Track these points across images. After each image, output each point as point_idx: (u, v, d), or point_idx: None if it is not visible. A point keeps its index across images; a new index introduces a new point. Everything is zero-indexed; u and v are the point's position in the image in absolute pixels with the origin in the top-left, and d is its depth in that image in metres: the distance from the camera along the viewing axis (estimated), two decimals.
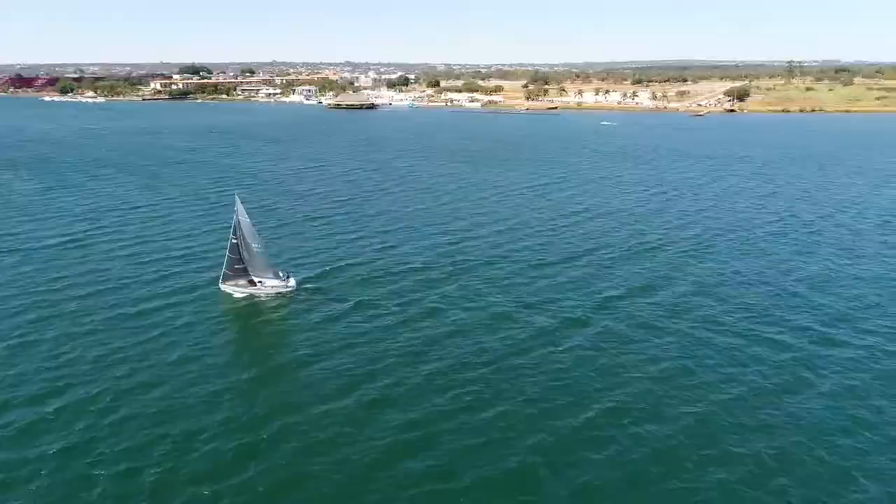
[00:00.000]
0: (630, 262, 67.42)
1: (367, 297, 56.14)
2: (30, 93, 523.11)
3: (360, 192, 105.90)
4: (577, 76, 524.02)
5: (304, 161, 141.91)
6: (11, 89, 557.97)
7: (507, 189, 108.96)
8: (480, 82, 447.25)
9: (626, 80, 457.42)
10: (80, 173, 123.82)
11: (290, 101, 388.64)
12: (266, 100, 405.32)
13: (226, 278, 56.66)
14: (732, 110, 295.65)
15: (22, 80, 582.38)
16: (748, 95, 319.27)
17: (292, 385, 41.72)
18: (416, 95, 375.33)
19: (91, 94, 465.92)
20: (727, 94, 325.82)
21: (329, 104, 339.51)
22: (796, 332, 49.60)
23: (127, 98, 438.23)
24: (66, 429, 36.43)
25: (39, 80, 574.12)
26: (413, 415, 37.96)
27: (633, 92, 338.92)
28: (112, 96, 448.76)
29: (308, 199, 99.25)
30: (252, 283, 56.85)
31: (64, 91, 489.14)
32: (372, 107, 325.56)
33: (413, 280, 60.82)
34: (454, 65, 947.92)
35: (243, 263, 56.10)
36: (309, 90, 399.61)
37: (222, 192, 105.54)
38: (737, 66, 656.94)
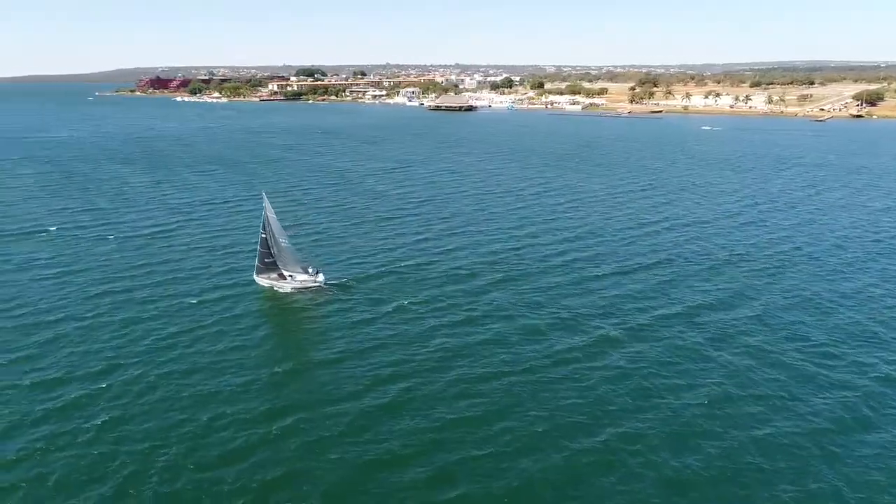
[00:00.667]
0: (696, 278, 63.11)
1: (407, 299, 56.27)
2: (165, 93, 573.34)
3: (437, 193, 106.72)
4: (691, 78, 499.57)
5: (391, 161, 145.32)
6: (151, 90, 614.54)
7: (586, 195, 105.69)
8: (586, 84, 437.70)
9: (743, 82, 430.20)
10: (188, 169, 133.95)
11: (393, 103, 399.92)
12: (371, 101, 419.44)
13: (259, 271, 59.32)
14: (859, 115, 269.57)
15: (160, 82, 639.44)
16: (881, 99, 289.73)
17: (311, 380, 42.39)
18: (517, 98, 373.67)
19: (216, 94, 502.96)
20: (856, 97, 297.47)
21: (429, 105, 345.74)
22: (859, 371, 44.02)
23: (246, 99, 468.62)
24: (108, 405, 39.31)
25: (174, 82, 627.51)
26: (423, 422, 37.47)
27: (747, 96, 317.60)
28: (233, 97, 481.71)
29: (383, 200, 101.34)
30: (282, 276, 59.07)
31: (193, 92, 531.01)
32: (471, 108, 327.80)
33: (461, 285, 60.22)
34: (564, 66, 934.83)
35: (272, 257, 58.57)
36: (412, 92, 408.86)
37: (307, 189, 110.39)
38: (877, 67, 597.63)
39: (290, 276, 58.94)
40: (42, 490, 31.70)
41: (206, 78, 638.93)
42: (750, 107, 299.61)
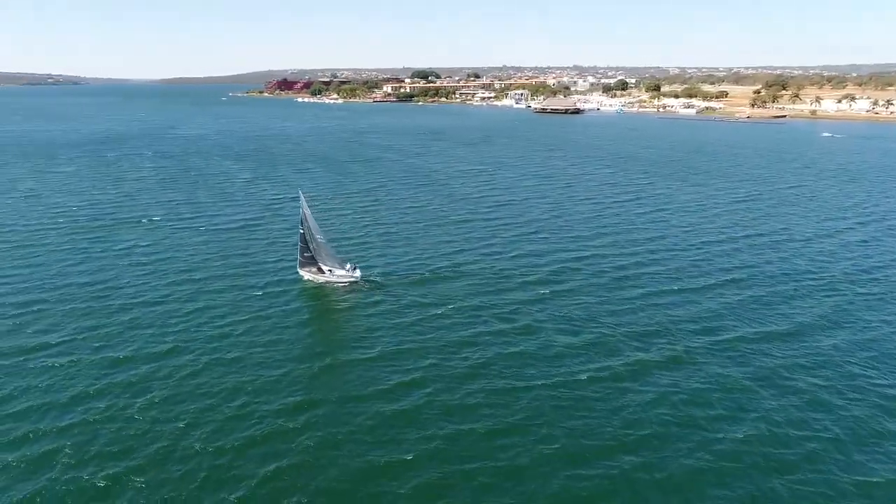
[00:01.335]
0: (775, 302, 57.83)
1: (452, 304, 55.94)
2: (289, 94, 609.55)
3: (517, 198, 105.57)
4: (828, 81, 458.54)
5: (481, 164, 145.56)
6: (277, 91, 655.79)
7: (676, 205, 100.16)
8: (705, 87, 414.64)
9: (891, 85, 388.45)
10: (290, 166, 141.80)
11: (501, 105, 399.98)
12: (480, 103, 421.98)
13: (301, 264, 62.69)
14: None
15: (286, 84, 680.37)
16: None
17: (338, 378, 43.33)
18: (627, 101, 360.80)
19: (335, 96, 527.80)
20: None
21: (535, 108, 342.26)
22: None
23: (361, 100, 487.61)
24: (158, 385, 42.57)
25: (298, 84, 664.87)
26: (438, 430, 37.22)
27: (889, 100, 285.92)
28: (350, 98, 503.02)
29: (461, 202, 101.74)
30: (321, 270, 61.77)
31: (314, 93, 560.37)
32: (577, 111, 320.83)
33: (511, 294, 59.01)
34: (689, 68, 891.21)
35: (311, 252, 61.51)
36: (520, 94, 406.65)
37: (391, 189, 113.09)
38: None
39: (330, 270, 61.62)
40: (83, 456, 34.90)
41: (328, 80, 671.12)
42: (892, 112, 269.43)
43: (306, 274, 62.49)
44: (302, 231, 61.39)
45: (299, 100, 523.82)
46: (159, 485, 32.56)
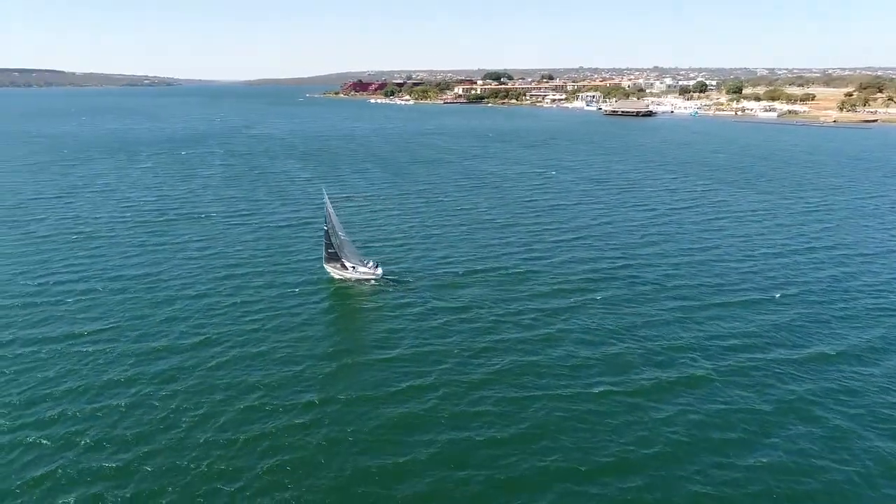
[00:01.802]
0: (826, 318, 54.09)
1: (479, 309, 55.45)
2: (364, 95, 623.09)
3: (568, 202, 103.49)
4: None
5: (538, 166, 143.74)
6: (352, 92, 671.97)
7: (735, 213, 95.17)
8: (790, 89, 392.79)
9: None
10: (349, 167, 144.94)
11: (572, 107, 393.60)
12: (550, 105, 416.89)
13: (325, 260, 64.67)
14: None
15: (361, 85, 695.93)
16: None
17: (352, 377, 43.82)
18: (704, 103, 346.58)
19: (407, 97, 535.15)
20: None
21: (606, 110, 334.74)
22: None
23: (432, 101, 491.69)
24: (185, 376, 44.38)
25: (373, 86, 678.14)
26: (444, 436, 37.01)
27: None
28: (421, 99, 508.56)
29: (510, 205, 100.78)
30: (344, 266, 63.37)
31: (387, 94, 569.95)
32: (649, 114, 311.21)
33: (543, 301, 57.85)
34: (779, 69, 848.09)
35: (334, 249, 63.20)
36: (591, 96, 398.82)
37: (443, 190, 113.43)
38: None
39: (353, 267, 63.22)
40: (103, 440, 36.95)
41: (401, 81, 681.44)
42: None
43: (331, 269, 64.37)
44: (326, 228, 63.28)
45: (372, 101, 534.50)
46: (166, 471, 34.00)
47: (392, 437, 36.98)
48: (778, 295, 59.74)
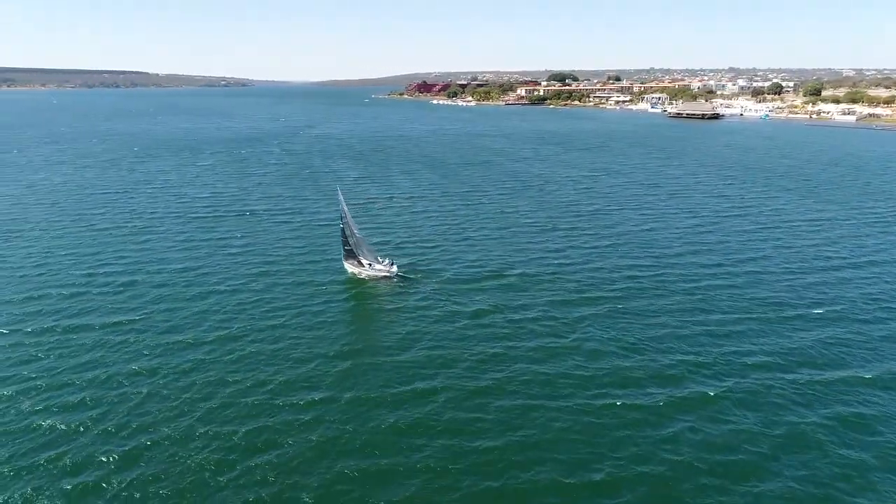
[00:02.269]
0: (877, 338, 50.62)
1: (499, 315, 54.74)
2: (427, 96, 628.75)
3: (612, 207, 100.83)
4: None
5: (588, 170, 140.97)
6: (417, 93, 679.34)
7: (792, 224, 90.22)
8: (881, 91, 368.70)
9: None
10: (398, 167, 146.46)
11: (636, 109, 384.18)
12: (613, 107, 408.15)
13: (344, 257, 65.87)
14: None
15: (425, 86, 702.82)
16: None
17: (356, 377, 44.13)
18: (777, 106, 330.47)
19: (469, 98, 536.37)
20: None
21: (670, 112, 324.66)
22: None
23: (493, 103, 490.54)
24: (198, 372, 46.05)
25: (436, 87, 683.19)
26: (443, 442, 36.85)
27: None
28: (483, 100, 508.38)
29: (550, 209, 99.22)
30: (360, 263, 64.44)
31: (450, 96, 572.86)
32: (716, 117, 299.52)
33: (567, 310, 56.44)
34: (868, 70, 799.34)
35: (350, 246, 64.35)
36: (657, 98, 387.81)
37: (486, 192, 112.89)
38: None
39: (369, 264, 64.33)
40: (115, 428, 38.76)
41: (465, 83, 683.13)
42: None
43: (349, 266, 65.77)
44: (342, 225, 64.64)
45: (434, 102, 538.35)
46: (165, 460, 35.32)
47: (386, 439, 37.07)
48: (820, 311, 56.27)
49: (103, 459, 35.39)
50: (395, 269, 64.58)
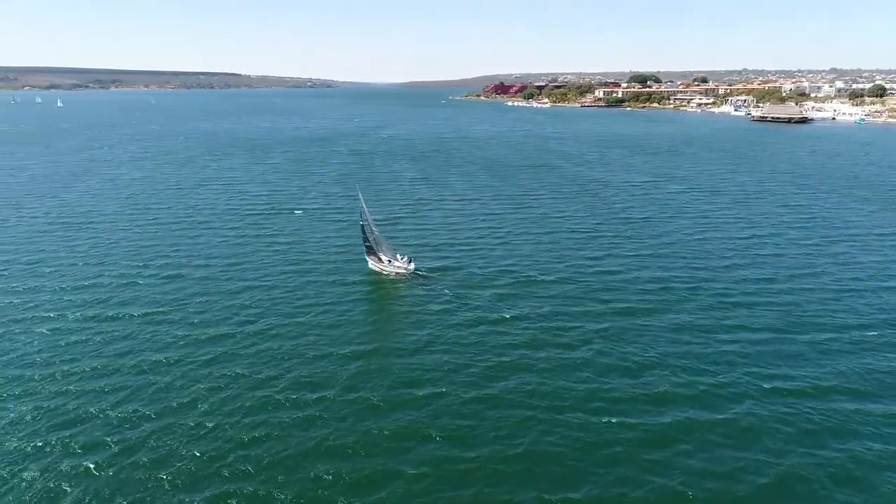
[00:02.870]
0: None
1: (521, 323, 53.63)
2: (503, 98, 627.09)
3: (664, 213, 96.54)
4: None
5: (650, 175, 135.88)
6: (493, 95, 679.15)
7: (864, 237, 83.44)
8: None
9: None
10: (455, 168, 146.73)
11: (718, 112, 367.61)
12: (694, 109, 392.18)
13: (365, 253, 67.98)
14: None
15: (502, 88, 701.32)
16: None
17: (363, 377, 44.38)
18: (875, 109, 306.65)
19: (545, 100, 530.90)
20: None
21: (754, 116, 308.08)
22: None
23: (569, 105, 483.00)
24: (217, 364, 47.81)
25: (513, 88, 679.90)
26: (420, 449, 36.68)
27: None
28: (558, 102, 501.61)
29: (602, 214, 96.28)
30: (380, 260, 66.48)
31: (527, 97, 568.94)
32: (804, 120, 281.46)
33: (590, 320, 54.52)
34: None
35: (370, 243, 66.66)
36: (742, 100, 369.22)
37: (538, 196, 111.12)
38: None
39: (388, 260, 65.97)
40: (131, 412, 40.95)
41: (542, 84, 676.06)
42: None
43: (371, 262, 67.70)
44: (363, 223, 66.40)
45: (509, 103, 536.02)
46: (165, 449, 36.93)
47: (375, 442, 37.07)
48: (874, 334, 51.75)
49: (108, 441, 37.40)
50: (412, 266, 65.77)
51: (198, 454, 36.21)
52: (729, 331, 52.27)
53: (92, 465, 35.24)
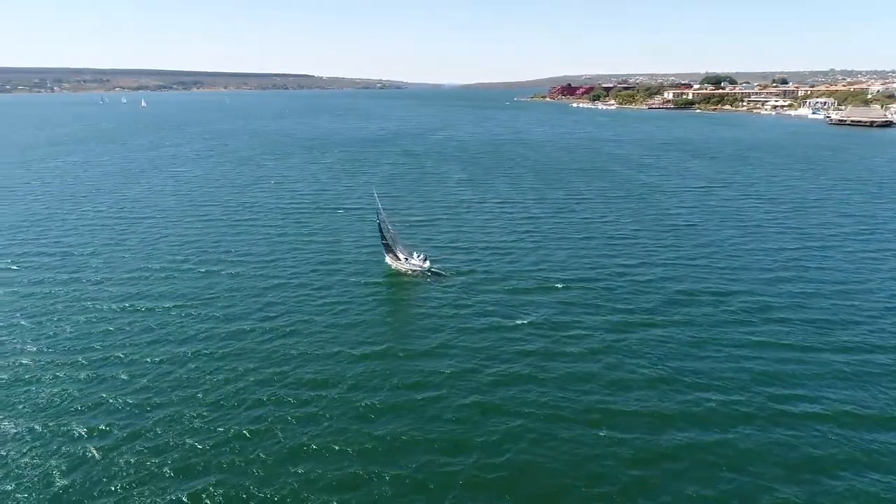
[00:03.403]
0: None
1: (537, 330, 52.43)
2: (569, 99, 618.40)
3: (711, 222, 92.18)
4: None
5: (706, 180, 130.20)
6: (559, 96, 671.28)
7: None
8: None
9: None
10: (504, 171, 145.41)
11: (794, 115, 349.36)
12: (768, 112, 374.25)
13: (384, 250, 69.62)
14: None
15: (568, 89, 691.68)
16: None
17: (367, 377, 44.70)
18: None
19: (611, 101, 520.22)
20: None
21: (832, 119, 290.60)
22: None
23: (636, 106, 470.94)
24: (233, 356, 49.27)
25: (580, 90, 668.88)
26: (410, 458, 36.54)
27: None
28: (625, 104, 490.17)
29: (645, 219, 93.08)
30: (397, 257, 68.31)
31: (593, 99, 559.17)
32: (888, 124, 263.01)
33: (609, 330, 52.70)
34: None
35: (386, 240, 68.66)
36: (820, 103, 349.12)
37: (583, 199, 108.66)
38: None
39: (405, 258, 67.51)
40: (149, 398, 42.79)
41: (610, 86, 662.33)
42: None
43: (389, 259, 69.39)
44: (378, 222, 68.30)
45: (574, 105, 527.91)
46: (167, 440, 38.35)
47: (365, 445, 37.16)
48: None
49: (111, 427, 39.18)
50: (427, 264, 67.06)
51: (198, 445, 37.37)
52: (753, 347, 49.45)
53: (91, 450, 36.98)
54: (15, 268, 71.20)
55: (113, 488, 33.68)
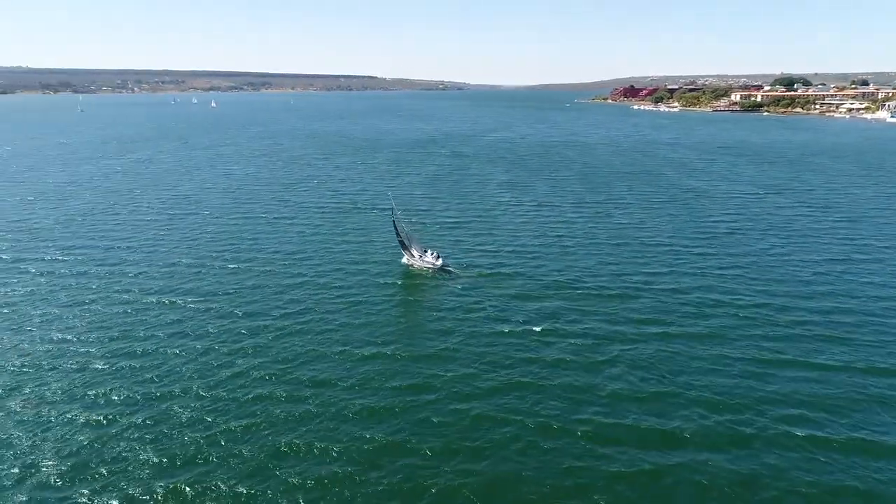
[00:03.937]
0: None
1: (541, 339, 51.19)
2: (632, 101, 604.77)
3: (755, 230, 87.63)
4: None
5: (758, 186, 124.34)
6: (621, 98, 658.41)
7: None
8: None
9: None
10: (547, 175, 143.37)
11: (871, 118, 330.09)
12: (843, 115, 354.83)
13: (400, 247, 71.70)
14: None
15: (631, 91, 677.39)
16: None
17: (369, 377, 44.76)
18: None
19: (675, 103, 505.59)
20: None
21: None
22: None
23: (700, 108, 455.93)
24: (246, 352, 50.52)
25: (643, 91, 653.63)
26: (395, 464, 36.55)
27: None
28: (689, 106, 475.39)
29: (684, 224, 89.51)
30: (412, 255, 70.17)
31: (656, 101, 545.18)
32: None
33: (626, 346, 50.88)
34: None
35: (401, 238, 70.57)
36: None
37: (624, 203, 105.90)
38: None
39: (419, 255, 69.09)
40: (154, 392, 44.45)
41: (675, 87, 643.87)
42: None
43: (405, 256, 71.11)
44: (394, 220, 70.42)
45: (635, 107, 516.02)
46: (158, 433, 39.71)
47: (350, 447, 37.15)
48: None
49: (108, 417, 40.86)
50: (440, 262, 68.20)
51: (186, 440, 38.40)
52: (778, 366, 46.64)
53: (86, 434, 38.64)
54: (61, 258, 75.46)
55: (98, 475, 35.01)
